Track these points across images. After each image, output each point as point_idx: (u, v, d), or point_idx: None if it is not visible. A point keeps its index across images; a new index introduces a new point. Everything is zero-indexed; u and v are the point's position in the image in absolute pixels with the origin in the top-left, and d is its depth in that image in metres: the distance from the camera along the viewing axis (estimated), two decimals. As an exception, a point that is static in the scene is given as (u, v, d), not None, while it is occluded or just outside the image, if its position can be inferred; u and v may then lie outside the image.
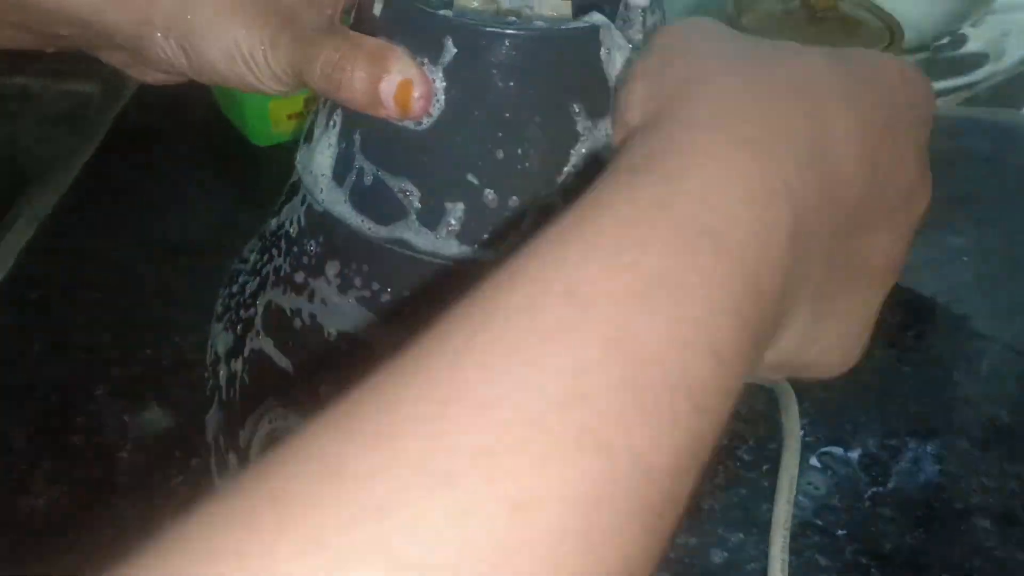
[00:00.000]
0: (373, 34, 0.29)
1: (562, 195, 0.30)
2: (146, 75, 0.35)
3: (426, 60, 0.29)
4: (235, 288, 0.40)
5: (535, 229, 0.30)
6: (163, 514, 0.42)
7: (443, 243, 0.30)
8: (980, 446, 0.47)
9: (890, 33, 0.59)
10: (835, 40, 0.58)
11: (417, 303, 0.32)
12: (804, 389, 0.49)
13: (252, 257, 0.39)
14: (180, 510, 0.17)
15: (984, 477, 0.45)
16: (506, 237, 0.30)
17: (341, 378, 0.34)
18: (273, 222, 0.37)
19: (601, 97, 0.29)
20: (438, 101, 0.29)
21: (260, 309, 0.36)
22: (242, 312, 0.38)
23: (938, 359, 0.52)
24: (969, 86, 0.73)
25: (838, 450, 0.46)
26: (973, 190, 0.65)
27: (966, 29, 0.70)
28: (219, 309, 0.41)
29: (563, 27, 0.28)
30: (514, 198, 0.30)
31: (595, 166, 0.30)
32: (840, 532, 0.42)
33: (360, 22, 0.31)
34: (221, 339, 0.40)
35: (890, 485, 0.44)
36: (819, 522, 0.43)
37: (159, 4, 0.30)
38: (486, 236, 0.30)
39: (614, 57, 0.29)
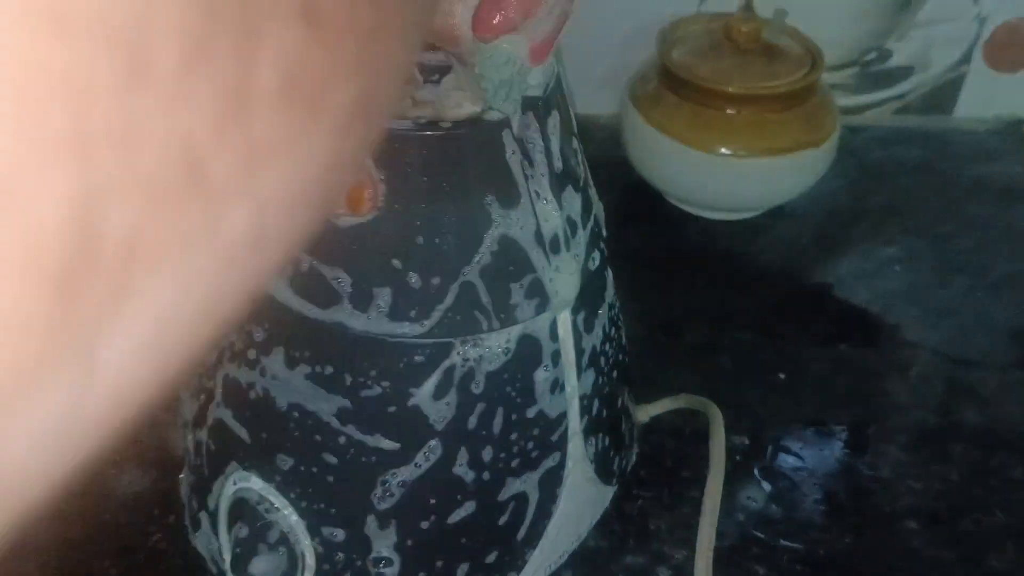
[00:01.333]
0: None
1: (479, 272, 0.33)
2: None
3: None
4: (209, 361, 0.43)
5: (457, 304, 0.34)
6: (143, 568, 0.45)
7: (374, 323, 0.34)
8: (909, 450, 0.50)
9: (811, 58, 0.62)
10: (759, 68, 0.61)
11: (357, 374, 0.35)
12: (742, 406, 0.52)
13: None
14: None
15: (911, 480, 0.49)
16: (431, 312, 0.33)
17: (295, 444, 0.37)
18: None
19: (511, 189, 0.33)
20: (382, 193, 0.32)
21: (219, 381, 0.40)
22: (204, 382, 0.41)
23: (871, 369, 0.55)
24: (899, 97, 0.77)
25: (776, 463, 0.49)
26: (904, 200, 0.69)
27: (891, 44, 0.74)
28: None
29: (463, 126, 0.31)
30: (436, 278, 0.33)
31: (509, 246, 0.33)
32: (777, 542, 0.45)
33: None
34: (187, 406, 0.43)
35: (824, 494, 0.48)
36: (759, 534, 0.46)
37: None
38: (413, 313, 0.33)
39: (518, 153, 0.32)
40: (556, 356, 0.37)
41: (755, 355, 0.56)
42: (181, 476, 0.45)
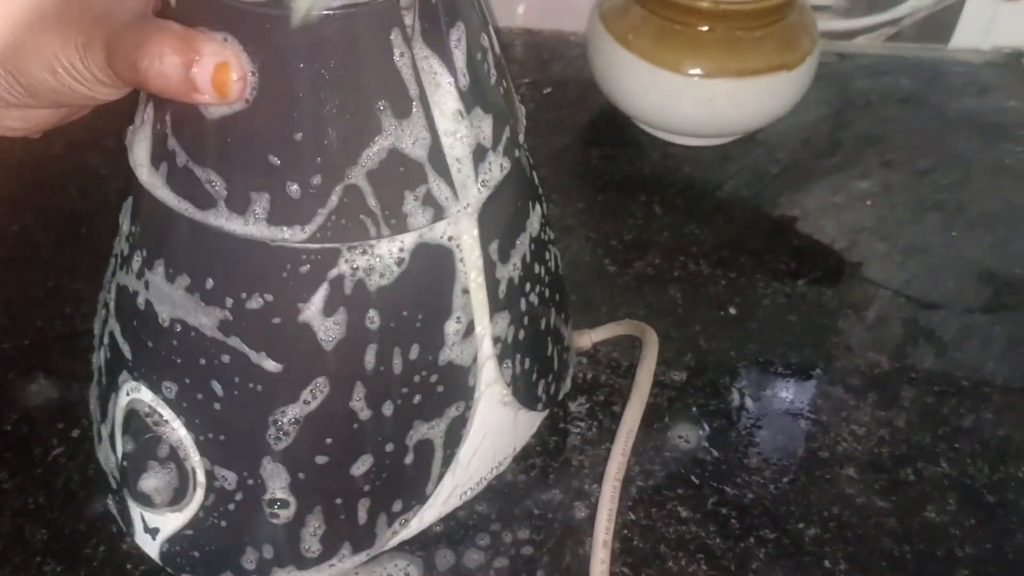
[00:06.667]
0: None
1: (366, 176, 0.30)
2: (4, 121, 0.33)
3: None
4: (109, 271, 0.40)
5: (342, 207, 0.31)
6: (42, 481, 0.43)
7: (253, 227, 0.31)
8: (856, 394, 0.47)
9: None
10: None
11: (238, 284, 0.32)
12: (685, 340, 0.50)
13: (115, 241, 0.39)
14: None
15: (855, 425, 0.46)
16: (313, 215, 0.31)
17: (180, 368, 0.34)
18: (124, 203, 0.37)
19: (402, 97, 0.30)
20: (253, 84, 0.29)
21: (114, 292, 0.37)
22: (105, 295, 0.39)
23: (826, 306, 0.52)
24: (893, 22, 0.72)
25: (714, 402, 0.47)
26: (886, 131, 0.65)
27: (887, -37, 0.69)
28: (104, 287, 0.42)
29: (344, 9, 0.28)
30: (317, 177, 0.30)
31: (401, 159, 0.30)
32: (705, 484, 0.43)
33: (161, 16, 0.30)
34: (98, 319, 0.41)
35: (760, 437, 0.45)
36: (685, 474, 0.44)
37: None
38: (293, 217, 0.31)
39: (408, 57, 0.29)
40: (466, 294, 0.34)
41: (706, 288, 0.53)
42: (90, 389, 0.43)
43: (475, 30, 0.32)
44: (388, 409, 0.34)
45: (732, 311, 0.52)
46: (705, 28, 0.56)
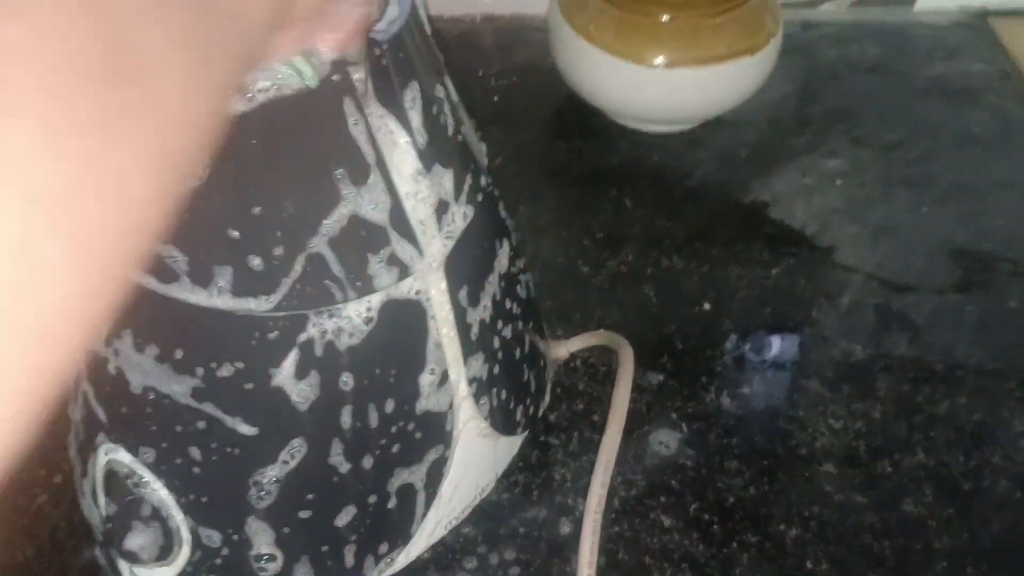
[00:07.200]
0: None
1: (327, 244, 0.30)
2: None
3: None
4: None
5: (306, 276, 0.31)
6: (27, 532, 0.43)
7: (218, 300, 0.31)
8: (831, 386, 0.48)
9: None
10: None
11: (207, 354, 0.32)
12: (662, 341, 0.50)
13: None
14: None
15: (831, 419, 0.47)
16: (277, 285, 0.30)
17: (156, 434, 0.34)
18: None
19: (359, 164, 0.29)
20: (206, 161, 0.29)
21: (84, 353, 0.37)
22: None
23: (801, 297, 0.52)
24: (857, -14, 0.71)
25: (692, 404, 0.47)
26: (854, 104, 0.64)
27: (848, -72, 0.68)
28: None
29: (287, 91, 0.27)
30: (279, 248, 0.30)
31: (362, 224, 0.30)
32: (686, 491, 0.44)
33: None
34: (73, 368, 0.41)
35: (739, 438, 0.46)
36: (666, 482, 0.44)
37: None
38: (257, 288, 0.30)
39: (362, 124, 0.29)
40: (438, 347, 0.34)
41: (680, 284, 0.53)
42: (69, 439, 0.43)
43: (430, 84, 0.32)
44: (368, 462, 0.34)
45: (707, 306, 0.52)
46: (666, 17, 0.55)
